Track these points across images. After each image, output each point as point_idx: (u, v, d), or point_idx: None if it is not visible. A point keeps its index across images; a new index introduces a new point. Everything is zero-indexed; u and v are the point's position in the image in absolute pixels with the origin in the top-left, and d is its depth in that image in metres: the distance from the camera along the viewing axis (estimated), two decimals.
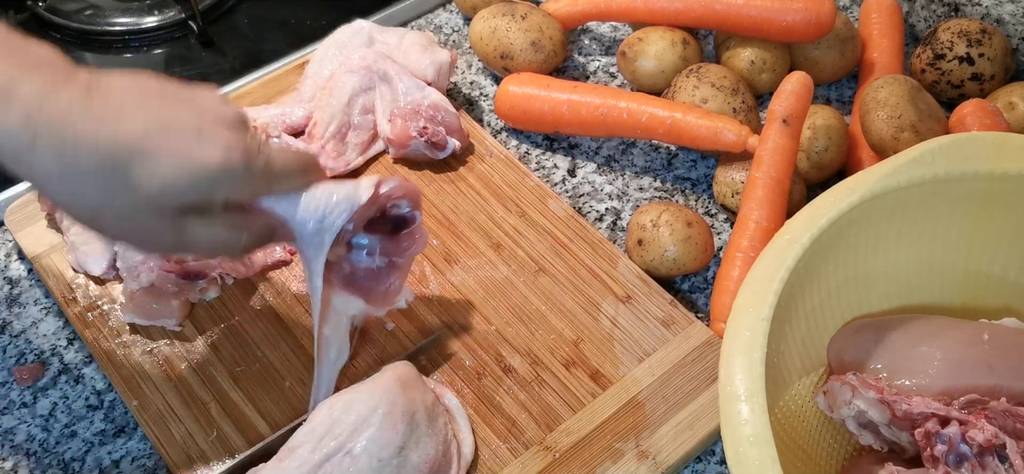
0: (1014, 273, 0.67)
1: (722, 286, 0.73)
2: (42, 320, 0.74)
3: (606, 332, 0.71)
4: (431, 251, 0.77)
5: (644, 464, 0.64)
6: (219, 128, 0.55)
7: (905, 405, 0.58)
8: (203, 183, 0.53)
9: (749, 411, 0.52)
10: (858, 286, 0.66)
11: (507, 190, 0.81)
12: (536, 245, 0.77)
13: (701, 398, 0.67)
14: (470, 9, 0.98)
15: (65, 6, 1.02)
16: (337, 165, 0.81)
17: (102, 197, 0.52)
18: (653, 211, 0.75)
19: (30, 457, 0.66)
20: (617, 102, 0.82)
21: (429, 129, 0.81)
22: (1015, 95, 0.84)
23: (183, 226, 0.55)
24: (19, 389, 0.70)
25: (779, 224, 0.73)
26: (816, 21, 0.84)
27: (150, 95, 0.54)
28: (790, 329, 0.62)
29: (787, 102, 0.76)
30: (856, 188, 0.62)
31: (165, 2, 1.02)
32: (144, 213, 0.53)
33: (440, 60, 0.85)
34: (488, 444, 0.65)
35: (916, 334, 0.63)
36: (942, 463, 0.56)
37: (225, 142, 0.54)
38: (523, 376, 0.69)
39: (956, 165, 0.64)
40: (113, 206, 0.52)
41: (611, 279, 0.74)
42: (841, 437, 0.65)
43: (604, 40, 0.98)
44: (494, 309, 0.73)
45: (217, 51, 1.00)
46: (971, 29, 0.87)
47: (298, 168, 0.60)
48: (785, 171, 0.75)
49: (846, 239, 0.63)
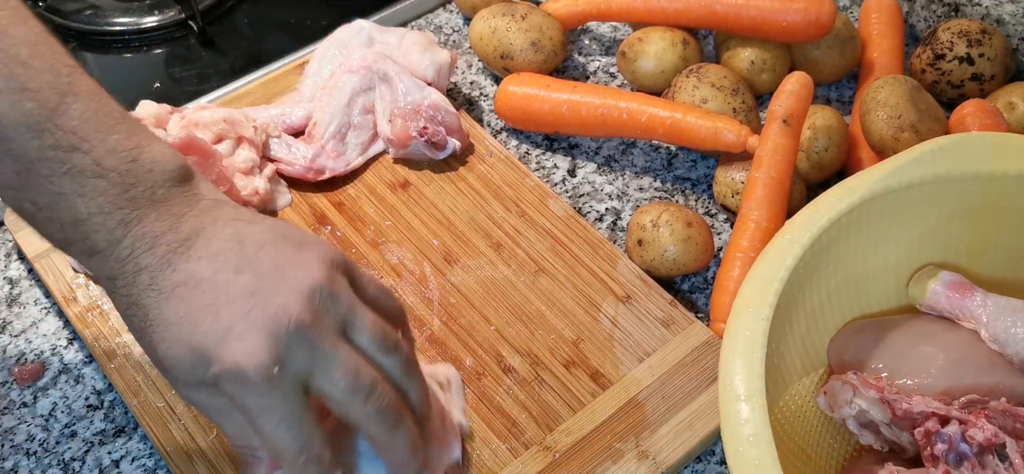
0: (1014, 273, 0.67)
1: (722, 286, 0.73)
2: (42, 320, 0.74)
3: (606, 332, 0.71)
4: (431, 251, 0.77)
5: (644, 464, 0.64)
6: (254, 333, 0.51)
7: (905, 404, 0.58)
8: (207, 373, 0.52)
9: (749, 411, 0.52)
10: (858, 286, 0.66)
11: (507, 190, 0.81)
12: (536, 245, 0.77)
13: (701, 398, 0.67)
14: (470, 9, 0.98)
15: (65, 6, 1.02)
16: (337, 165, 0.81)
17: (151, 355, 0.54)
18: (653, 211, 0.76)
19: (30, 457, 0.66)
20: (617, 102, 0.82)
21: (429, 129, 0.81)
22: (1015, 95, 0.84)
23: (212, 404, 0.54)
24: (19, 389, 0.70)
25: (779, 224, 0.73)
26: (816, 21, 0.84)
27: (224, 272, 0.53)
28: (790, 329, 0.62)
29: (787, 102, 0.76)
30: (856, 188, 0.62)
31: (165, 2, 1.02)
32: (177, 381, 0.54)
33: (440, 60, 0.85)
34: (488, 444, 0.65)
35: (917, 334, 0.63)
36: (942, 462, 0.56)
37: (244, 350, 0.51)
38: (523, 376, 0.69)
39: (956, 165, 0.64)
40: (157, 366, 0.54)
41: (611, 279, 0.74)
42: (841, 437, 0.65)
43: (604, 40, 0.98)
44: (494, 309, 0.73)
45: (217, 51, 1.00)
46: (971, 29, 0.87)
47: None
48: (785, 171, 0.75)
49: (846, 239, 0.63)
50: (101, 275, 0.53)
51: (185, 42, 1.00)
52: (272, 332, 0.51)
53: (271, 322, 0.52)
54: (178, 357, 0.52)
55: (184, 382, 0.53)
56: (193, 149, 0.74)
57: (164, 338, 0.52)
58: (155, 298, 0.52)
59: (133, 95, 0.89)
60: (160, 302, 0.52)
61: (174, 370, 0.53)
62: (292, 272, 0.53)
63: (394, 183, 0.82)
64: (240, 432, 0.54)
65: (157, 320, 0.52)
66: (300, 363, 0.52)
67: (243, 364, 0.51)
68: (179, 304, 0.52)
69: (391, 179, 0.82)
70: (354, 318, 0.55)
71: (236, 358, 0.51)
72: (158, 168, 0.53)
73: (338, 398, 0.54)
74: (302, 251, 0.55)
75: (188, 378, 0.53)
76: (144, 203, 0.52)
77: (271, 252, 0.54)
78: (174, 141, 0.73)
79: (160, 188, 0.53)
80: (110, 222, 0.52)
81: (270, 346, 0.51)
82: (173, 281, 0.52)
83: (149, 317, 0.52)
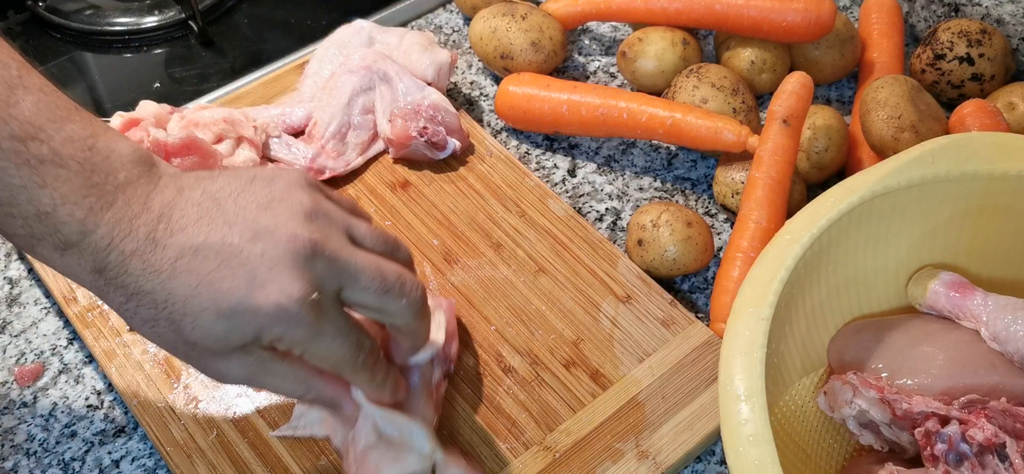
0: (1014, 273, 0.67)
1: (722, 286, 0.73)
2: (42, 320, 0.74)
3: (606, 332, 0.71)
4: (431, 251, 0.77)
5: (644, 464, 0.64)
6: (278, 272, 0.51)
7: (905, 404, 0.58)
8: (246, 330, 0.51)
9: (749, 411, 0.52)
10: (858, 286, 0.66)
11: (507, 190, 0.81)
12: (536, 245, 0.77)
13: (701, 398, 0.67)
14: (470, 9, 0.98)
15: (65, 6, 1.02)
16: (337, 165, 0.81)
17: (167, 342, 0.53)
18: (653, 211, 0.75)
19: (30, 457, 0.66)
20: (617, 102, 0.82)
21: (429, 129, 0.81)
22: (1015, 95, 0.84)
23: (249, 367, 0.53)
24: (19, 389, 0.70)
25: (779, 224, 0.73)
26: (816, 21, 0.84)
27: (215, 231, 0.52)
28: (790, 329, 0.62)
29: (787, 102, 0.76)
30: (856, 188, 0.62)
31: (165, 2, 1.02)
32: (207, 357, 0.53)
33: (440, 60, 0.85)
34: (488, 444, 0.65)
35: (917, 334, 0.63)
36: (942, 462, 0.56)
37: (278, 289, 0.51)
38: (523, 376, 0.69)
39: (956, 165, 0.64)
40: (178, 350, 0.53)
41: (611, 279, 0.74)
42: (841, 437, 0.65)
43: (604, 40, 0.98)
44: (494, 309, 0.73)
45: (217, 51, 1.00)
46: (971, 29, 0.87)
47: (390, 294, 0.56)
48: (785, 171, 0.75)
49: (846, 239, 0.63)
50: (83, 271, 0.52)
51: (185, 42, 1.00)
52: (294, 262, 0.52)
53: (288, 254, 0.52)
54: (209, 328, 0.51)
55: (219, 352, 0.52)
56: (193, 149, 0.74)
57: (185, 314, 0.51)
58: (157, 280, 0.51)
59: (133, 95, 0.89)
60: (165, 282, 0.51)
61: (207, 342, 0.52)
62: (280, 205, 0.53)
63: (394, 183, 0.82)
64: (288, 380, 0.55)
65: (170, 301, 0.51)
66: (329, 281, 0.53)
67: (284, 303, 0.51)
68: (187, 276, 0.51)
69: (391, 179, 0.82)
70: (351, 225, 0.56)
71: (273, 300, 0.51)
72: (115, 154, 0.52)
73: (372, 302, 0.55)
74: (276, 183, 0.55)
75: (224, 346, 0.52)
76: (109, 189, 0.51)
77: (249, 196, 0.54)
78: (174, 141, 0.73)
79: (120, 172, 0.52)
80: (78, 211, 0.50)
81: (300, 275, 0.51)
82: (168, 257, 0.51)
83: (158, 301, 0.51)
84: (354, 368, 0.56)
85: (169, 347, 0.53)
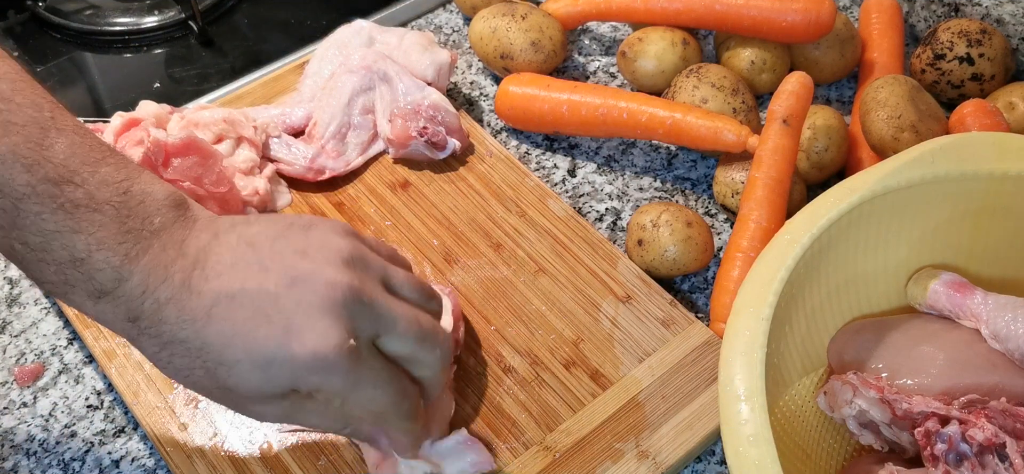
0: (1014, 273, 0.67)
1: (722, 286, 0.73)
2: (42, 320, 0.74)
3: (606, 332, 0.71)
4: (431, 251, 0.77)
5: (644, 464, 0.64)
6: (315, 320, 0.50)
7: (905, 404, 0.58)
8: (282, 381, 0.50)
9: (749, 411, 0.52)
10: (858, 286, 0.66)
11: (507, 190, 0.81)
12: (536, 245, 0.77)
13: (701, 398, 0.67)
14: (470, 9, 0.98)
15: (65, 6, 1.02)
16: (337, 165, 0.81)
17: (203, 389, 0.52)
18: (653, 211, 0.75)
19: (30, 457, 0.66)
20: (617, 102, 0.82)
21: (429, 129, 0.81)
22: (1015, 95, 0.84)
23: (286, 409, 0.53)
24: (19, 389, 0.70)
25: (779, 224, 0.73)
26: (816, 21, 0.84)
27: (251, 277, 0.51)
28: (790, 329, 0.62)
29: (787, 102, 0.76)
30: (856, 188, 0.62)
31: (165, 2, 1.03)
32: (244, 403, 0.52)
33: (440, 60, 0.85)
34: (488, 444, 0.65)
35: (917, 334, 0.63)
36: (942, 462, 0.56)
37: (315, 337, 0.50)
38: (523, 376, 0.69)
39: (956, 165, 0.64)
40: (214, 396, 0.52)
41: (611, 279, 0.74)
42: (841, 437, 0.65)
43: (604, 40, 0.98)
44: (494, 309, 0.73)
45: (217, 51, 1.00)
46: (971, 29, 0.87)
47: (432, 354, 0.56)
48: (785, 171, 0.75)
49: (846, 239, 0.63)
50: (118, 319, 0.51)
51: (185, 42, 1.00)
52: (332, 309, 0.51)
53: (326, 301, 0.51)
54: (245, 377, 0.50)
55: (256, 399, 0.52)
56: (193, 149, 0.74)
57: (221, 364, 0.50)
58: (192, 328, 0.50)
59: (133, 95, 0.89)
60: (200, 331, 0.50)
61: (243, 390, 0.51)
62: (317, 252, 0.53)
63: (394, 183, 0.82)
64: (328, 420, 0.54)
65: (205, 350, 0.50)
66: (366, 328, 0.52)
67: (321, 351, 0.50)
68: (222, 325, 0.50)
69: (391, 179, 0.82)
70: (389, 273, 0.56)
71: (311, 349, 0.50)
72: (150, 198, 0.52)
73: (408, 352, 0.54)
74: (313, 231, 0.54)
75: (261, 394, 0.51)
76: (145, 235, 0.50)
77: (286, 242, 0.53)
78: (174, 141, 0.73)
79: (156, 217, 0.51)
80: (114, 258, 0.49)
81: (337, 323, 0.51)
82: (203, 305, 0.50)
83: (193, 350, 0.50)
84: (397, 416, 0.55)
85: (206, 393, 0.52)
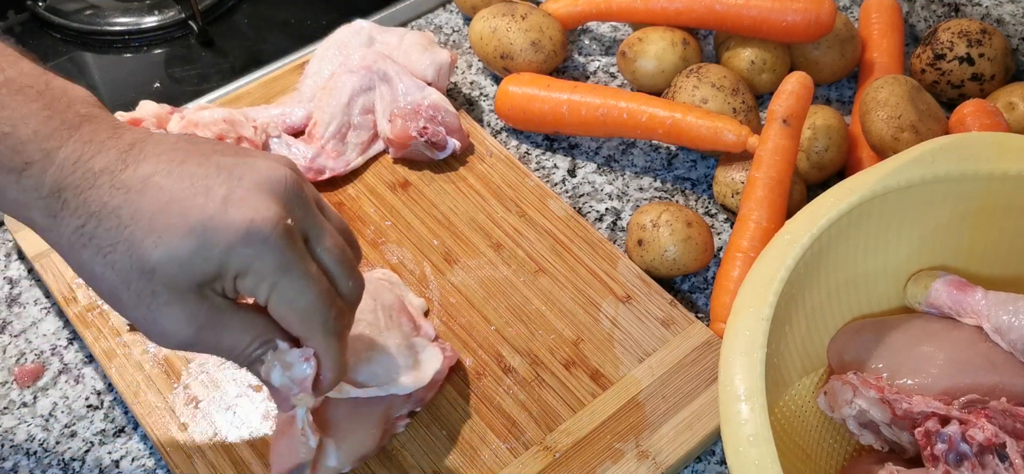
0: (1014, 273, 0.67)
1: (722, 286, 0.73)
2: (42, 320, 0.74)
3: (606, 332, 0.71)
4: (431, 251, 0.77)
5: (644, 464, 0.64)
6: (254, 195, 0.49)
7: (905, 404, 0.58)
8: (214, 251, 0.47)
9: (749, 411, 0.52)
10: (858, 286, 0.66)
11: (507, 190, 0.81)
12: (536, 245, 0.77)
13: (701, 398, 0.67)
14: (470, 9, 0.98)
15: (65, 6, 1.02)
16: (337, 165, 0.81)
17: (120, 273, 0.48)
18: (653, 211, 0.76)
19: (30, 457, 0.66)
20: (617, 102, 0.82)
21: (429, 129, 0.81)
22: (1015, 95, 0.84)
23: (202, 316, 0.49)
24: (19, 389, 0.70)
25: (779, 224, 0.73)
26: (816, 21, 0.84)
27: (191, 160, 0.49)
28: (790, 329, 0.62)
29: (787, 102, 0.76)
30: (856, 188, 0.62)
31: (165, 2, 1.03)
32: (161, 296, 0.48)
33: (440, 60, 0.85)
34: (488, 444, 0.65)
35: (917, 334, 0.63)
36: (942, 462, 0.56)
37: (253, 207, 0.48)
38: (523, 376, 0.69)
39: (956, 165, 0.64)
40: (130, 288, 0.48)
41: (611, 279, 0.74)
42: (841, 437, 0.65)
43: (604, 40, 0.98)
44: (494, 309, 0.73)
45: (217, 51, 1.00)
46: (971, 29, 0.87)
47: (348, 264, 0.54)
48: (785, 171, 0.75)
49: (846, 239, 0.63)
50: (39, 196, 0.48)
51: (185, 42, 1.00)
52: (272, 189, 0.49)
53: (268, 181, 0.49)
54: (175, 248, 0.47)
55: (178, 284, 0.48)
56: None
57: (150, 232, 0.47)
58: (124, 196, 0.47)
59: (133, 95, 0.89)
60: (134, 198, 0.47)
61: (168, 266, 0.47)
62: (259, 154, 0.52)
63: (394, 183, 0.82)
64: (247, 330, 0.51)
65: (136, 218, 0.47)
66: (301, 220, 0.51)
67: (257, 221, 0.48)
68: (157, 193, 0.47)
69: (391, 179, 0.82)
70: (321, 201, 0.55)
71: (247, 216, 0.48)
72: (73, 92, 0.50)
73: (329, 266, 0.52)
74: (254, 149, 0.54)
75: (186, 273, 0.48)
76: (71, 116, 0.48)
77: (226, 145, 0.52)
78: None
79: (81, 107, 0.50)
80: (42, 130, 0.47)
81: (276, 201, 0.49)
82: (139, 176, 0.48)
83: (124, 218, 0.47)
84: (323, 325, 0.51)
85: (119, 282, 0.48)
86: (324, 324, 0.52)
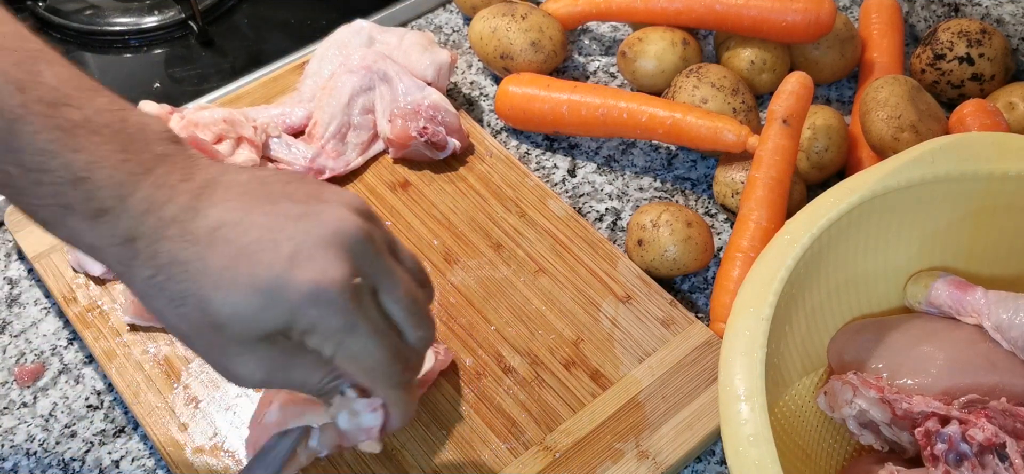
0: (1014, 273, 0.67)
1: (722, 286, 0.73)
2: (42, 320, 0.74)
3: (606, 332, 0.71)
4: (431, 251, 0.77)
5: (644, 464, 0.64)
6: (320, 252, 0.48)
7: (905, 404, 0.58)
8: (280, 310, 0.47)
9: (749, 411, 0.52)
10: (858, 286, 0.66)
11: (507, 190, 0.81)
12: (536, 245, 0.77)
13: (701, 398, 0.67)
14: (470, 9, 0.98)
15: (65, 6, 1.02)
16: (337, 165, 0.81)
17: (191, 324, 0.49)
18: (653, 211, 0.76)
19: (30, 457, 0.66)
20: (617, 102, 0.82)
21: (429, 129, 0.81)
22: (1015, 95, 0.84)
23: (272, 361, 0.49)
24: (19, 389, 0.70)
25: (779, 224, 0.73)
26: (816, 21, 0.84)
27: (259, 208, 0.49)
28: (790, 329, 0.62)
29: (787, 102, 0.76)
30: (856, 188, 0.62)
31: (165, 2, 1.02)
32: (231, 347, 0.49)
33: (440, 60, 0.85)
34: (488, 444, 0.65)
35: (917, 334, 0.63)
36: (942, 462, 0.56)
37: (320, 269, 0.47)
38: (523, 376, 0.69)
39: (956, 165, 0.64)
40: (202, 337, 0.49)
41: (611, 279, 0.74)
42: (841, 437, 0.65)
43: (604, 40, 0.98)
44: (494, 309, 0.73)
45: (217, 51, 1.00)
46: (971, 29, 0.87)
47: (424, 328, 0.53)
48: (785, 171, 0.75)
49: (846, 239, 0.63)
50: (112, 242, 0.48)
51: (185, 42, 1.00)
52: (340, 244, 0.48)
53: (336, 236, 0.48)
54: (240, 304, 0.47)
55: (246, 337, 0.48)
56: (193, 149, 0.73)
57: (218, 288, 0.47)
58: (194, 250, 0.47)
59: (133, 95, 0.89)
60: (201, 252, 0.47)
61: (236, 323, 0.47)
62: (330, 194, 0.51)
63: (394, 183, 0.82)
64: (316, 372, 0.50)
65: (204, 273, 0.47)
66: (369, 275, 0.50)
67: (322, 282, 0.47)
68: (225, 247, 0.47)
69: (391, 179, 0.82)
70: (394, 241, 0.54)
71: (313, 277, 0.47)
72: (148, 129, 0.50)
73: (399, 317, 0.52)
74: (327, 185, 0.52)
75: (253, 328, 0.48)
76: (147, 158, 0.48)
77: (298, 184, 0.51)
78: None
79: (157, 145, 0.49)
80: (117, 174, 0.47)
81: (344, 258, 0.48)
82: (208, 226, 0.47)
83: (190, 274, 0.47)
84: (388, 378, 0.51)
85: (191, 332, 0.49)
86: (389, 379, 0.52)
